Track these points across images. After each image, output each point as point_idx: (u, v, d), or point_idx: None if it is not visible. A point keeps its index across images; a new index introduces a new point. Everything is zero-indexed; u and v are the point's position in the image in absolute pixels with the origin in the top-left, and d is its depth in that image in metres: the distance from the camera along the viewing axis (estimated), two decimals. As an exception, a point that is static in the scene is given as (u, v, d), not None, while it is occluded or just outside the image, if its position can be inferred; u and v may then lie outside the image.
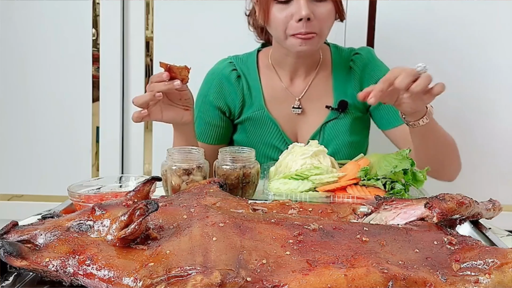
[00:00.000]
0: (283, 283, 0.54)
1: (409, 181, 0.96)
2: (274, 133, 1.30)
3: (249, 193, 0.97)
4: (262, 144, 1.31)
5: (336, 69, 1.31)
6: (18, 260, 0.58)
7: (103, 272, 0.56)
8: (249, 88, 1.31)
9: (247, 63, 1.33)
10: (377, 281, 0.55)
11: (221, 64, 1.34)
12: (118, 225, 0.61)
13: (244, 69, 1.32)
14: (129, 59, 1.71)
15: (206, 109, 1.33)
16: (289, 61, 1.27)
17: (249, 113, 1.31)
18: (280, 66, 1.30)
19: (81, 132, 1.74)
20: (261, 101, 1.30)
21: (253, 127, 1.32)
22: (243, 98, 1.31)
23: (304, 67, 1.29)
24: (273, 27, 1.18)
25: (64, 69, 1.71)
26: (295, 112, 1.29)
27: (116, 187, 0.91)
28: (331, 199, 0.94)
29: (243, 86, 1.31)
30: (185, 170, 0.93)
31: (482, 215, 0.78)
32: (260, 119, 1.30)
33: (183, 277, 0.54)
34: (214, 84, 1.32)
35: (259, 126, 1.31)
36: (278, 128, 1.30)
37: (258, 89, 1.30)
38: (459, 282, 0.57)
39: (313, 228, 0.66)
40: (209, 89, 1.33)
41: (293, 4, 1.13)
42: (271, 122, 1.30)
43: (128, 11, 1.69)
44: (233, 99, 1.31)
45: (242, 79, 1.31)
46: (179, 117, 1.09)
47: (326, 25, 1.17)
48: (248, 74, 1.31)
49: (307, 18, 1.11)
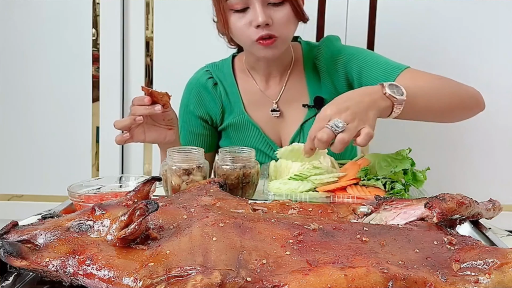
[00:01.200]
0: (283, 283, 0.54)
1: (409, 181, 0.96)
2: (257, 137, 1.30)
3: (249, 193, 0.97)
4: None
5: (307, 66, 1.30)
6: (18, 260, 0.58)
7: (103, 272, 0.56)
8: (227, 94, 1.31)
9: (222, 69, 1.33)
10: (377, 281, 0.55)
11: (198, 73, 1.35)
12: (118, 225, 0.61)
13: (220, 76, 1.32)
14: (129, 59, 1.71)
15: (189, 118, 1.34)
16: (262, 65, 1.27)
17: (230, 119, 1.31)
18: (255, 71, 1.30)
19: (81, 132, 1.74)
20: (240, 106, 1.30)
21: (236, 132, 1.32)
22: (222, 104, 1.31)
23: (277, 69, 1.28)
24: (235, 36, 1.18)
25: (64, 69, 1.71)
26: (273, 115, 1.29)
27: (116, 187, 0.91)
28: (331, 199, 0.94)
29: (221, 93, 1.31)
30: (185, 170, 0.93)
31: (482, 215, 0.78)
32: (241, 124, 1.31)
33: (183, 277, 0.54)
34: (193, 93, 1.33)
35: (241, 131, 1.31)
36: (260, 132, 1.30)
37: (236, 95, 1.31)
38: (459, 282, 0.57)
39: (313, 228, 0.66)
40: (188, 99, 1.34)
41: (250, 12, 1.12)
42: (253, 127, 1.30)
43: (128, 11, 1.69)
44: (213, 107, 1.32)
45: (219, 86, 1.31)
46: (162, 137, 1.10)
47: (286, 28, 1.15)
48: (224, 80, 1.32)
49: (265, 24, 1.10)
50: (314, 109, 1.28)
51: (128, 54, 1.71)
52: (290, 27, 1.17)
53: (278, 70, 1.29)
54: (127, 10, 1.69)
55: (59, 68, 1.71)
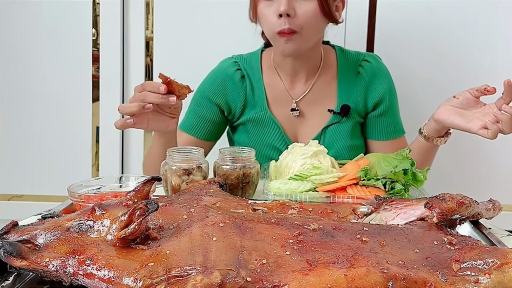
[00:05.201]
0: (283, 283, 0.54)
1: (409, 181, 0.96)
2: (276, 134, 1.30)
3: (249, 193, 0.97)
4: (263, 145, 1.31)
5: (341, 72, 1.30)
6: (18, 260, 0.58)
7: (103, 272, 0.56)
8: (253, 89, 1.30)
9: (251, 63, 1.32)
10: (377, 281, 0.55)
11: (226, 63, 1.33)
12: (118, 225, 0.61)
13: (248, 69, 1.31)
14: (129, 59, 1.71)
15: (204, 103, 1.32)
16: (288, 63, 1.26)
17: (252, 114, 1.31)
18: (281, 68, 1.30)
19: (81, 132, 1.74)
20: (263, 103, 1.30)
21: (255, 128, 1.31)
22: (246, 98, 1.30)
23: (304, 69, 1.28)
24: (261, 24, 1.19)
25: (64, 69, 1.71)
26: (293, 115, 1.29)
27: (116, 187, 0.91)
28: (331, 199, 0.94)
29: (246, 87, 1.30)
30: (185, 170, 0.93)
31: (482, 215, 0.79)
32: (262, 121, 1.30)
33: (183, 277, 0.54)
34: (217, 82, 1.31)
35: (261, 127, 1.31)
36: (280, 129, 1.30)
37: (261, 90, 1.30)
38: (459, 282, 0.57)
39: (313, 228, 0.66)
40: (210, 85, 1.32)
41: (276, 1, 1.12)
42: (273, 124, 1.29)
43: (128, 11, 1.69)
44: (235, 99, 1.31)
45: (246, 79, 1.30)
46: (165, 126, 1.08)
47: (308, 24, 1.14)
48: (252, 74, 1.31)
49: (286, 14, 1.10)
50: (339, 116, 1.28)
51: (128, 54, 1.71)
52: (314, 24, 1.15)
53: (305, 71, 1.28)
54: (127, 10, 1.69)
55: (59, 68, 1.71)
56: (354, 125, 1.30)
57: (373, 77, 1.30)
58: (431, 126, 1.15)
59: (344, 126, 1.30)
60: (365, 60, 1.31)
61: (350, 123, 1.30)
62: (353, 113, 1.29)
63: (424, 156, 1.20)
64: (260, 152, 1.30)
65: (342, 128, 1.29)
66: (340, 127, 1.29)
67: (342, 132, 1.29)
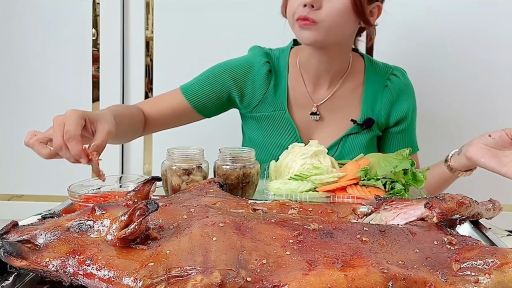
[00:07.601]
0: (283, 283, 0.54)
1: (409, 181, 0.96)
2: (291, 136, 1.28)
3: (249, 193, 0.97)
4: (275, 145, 1.29)
5: (368, 82, 1.28)
6: (18, 260, 0.58)
7: (103, 272, 0.56)
8: (275, 86, 1.27)
9: (279, 60, 1.29)
10: (377, 281, 0.55)
11: (258, 51, 1.30)
12: (118, 225, 0.61)
13: (276, 65, 1.29)
14: (129, 59, 1.71)
15: (218, 79, 1.27)
16: (313, 65, 1.24)
17: (269, 111, 1.28)
18: (305, 69, 1.27)
19: (81, 132, 1.73)
20: (283, 102, 1.27)
21: (271, 126, 1.29)
22: (266, 94, 1.27)
23: (328, 73, 1.25)
24: (287, 13, 1.17)
25: (64, 69, 1.71)
26: (313, 119, 1.27)
27: (116, 187, 0.91)
28: (331, 199, 0.94)
29: (270, 82, 1.27)
30: (185, 170, 0.93)
31: (482, 215, 0.79)
32: (279, 120, 1.28)
33: (183, 277, 0.54)
34: (243, 66, 1.27)
35: (277, 127, 1.29)
36: (296, 131, 1.28)
37: (284, 90, 1.27)
38: (459, 282, 0.57)
39: (313, 228, 0.66)
40: (234, 67, 1.27)
41: None
42: (290, 126, 1.28)
43: (128, 11, 1.69)
44: (255, 91, 1.28)
45: (272, 74, 1.27)
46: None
47: (330, 18, 1.11)
48: (278, 71, 1.28)
49: (311, 5, 1.09)
50: (360, 127, 1.27)
51: (128, 54, 1.71)
52: (337, 20, 1.12)
53: (329, 75, 1.26)
54: (127, 10, 1.69)
55: (59, 68, 1.71)
56: (372, 137, 1.29)
57: (400, 93, 1.28)
58: (461, 162, 1.13)
59: (362, 137, 1.28)
60: (393, 74, 1.29)
61: (369, 135, 1.28)
62: (373, 126, 1.28)
63: (442, 184, 1.20)
64: (271, 151, 1.28)
65: (360, 139, 1.28)
66: (358, 137, 1.28)
67: (359, 143, 1.28)
